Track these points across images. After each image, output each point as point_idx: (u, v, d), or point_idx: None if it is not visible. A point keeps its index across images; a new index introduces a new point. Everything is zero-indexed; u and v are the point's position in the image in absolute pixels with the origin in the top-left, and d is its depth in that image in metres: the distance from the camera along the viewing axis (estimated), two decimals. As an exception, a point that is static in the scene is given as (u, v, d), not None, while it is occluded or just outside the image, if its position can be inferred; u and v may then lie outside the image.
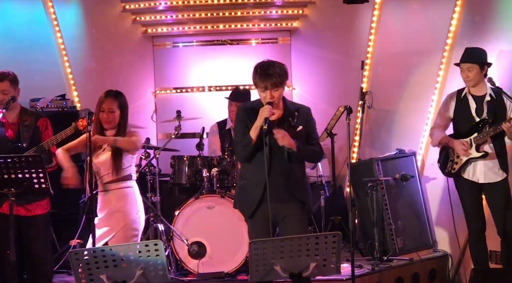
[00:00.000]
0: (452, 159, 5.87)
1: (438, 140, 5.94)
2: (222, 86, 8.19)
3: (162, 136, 8.23)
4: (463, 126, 5.86)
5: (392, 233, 6.49)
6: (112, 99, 5.07)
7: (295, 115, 4.66)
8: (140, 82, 8.24)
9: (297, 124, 4.65)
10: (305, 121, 4.70)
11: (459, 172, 5.83)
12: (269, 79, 4.52)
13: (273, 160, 4.58)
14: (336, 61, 7.98)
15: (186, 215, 6.21)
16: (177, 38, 8.33)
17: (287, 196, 4.63)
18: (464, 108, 5.86)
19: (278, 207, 4.59)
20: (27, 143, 5.34)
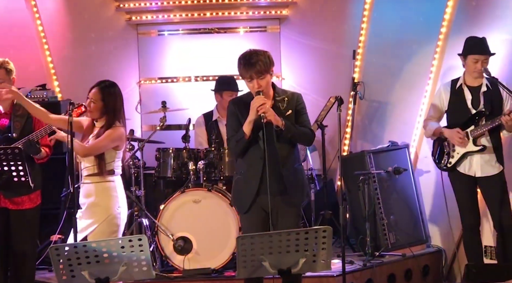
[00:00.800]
0: (448, 152, 5.87)
1: (432, 131, 5.93)
2: (209, 76, 8.16)
3: (146, 128, 8.20)
4: (458, 118, 5.85)
5: (384, 228, 6.51)
6: (96, 89, 5.05)
7: (284, 100, 4.70)
8: (124, 71, 8.20)
9: (286, 109, 4.70)
10: (295, 106, 4.75)
11: (455, 166, 5.84)
12: (252, 68, 4.57)
13: (268, 153, 4.62)
14: (327, 50, 7.97)
15: (171, 210, 6.20)
16: (163, 26, 8.29)
17: (282, 188, 4.66)
18: (459, 100, 5.86)
19: (272, 200, 4.64)
20: (17, 133, 5.32)
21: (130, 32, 8.26)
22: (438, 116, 6.02)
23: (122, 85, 8.04)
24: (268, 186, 4.58)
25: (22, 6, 7.40)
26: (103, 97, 5.05)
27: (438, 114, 6.01)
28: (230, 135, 4.74)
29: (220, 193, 6.20)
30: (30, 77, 7.38)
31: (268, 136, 4.61)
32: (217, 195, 6.17)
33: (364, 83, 7.45)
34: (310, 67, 8.08)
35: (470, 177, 5.82)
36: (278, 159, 4.66)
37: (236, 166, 4.97)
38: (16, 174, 4.79)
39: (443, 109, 5.98)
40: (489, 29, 6.31)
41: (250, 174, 4.67)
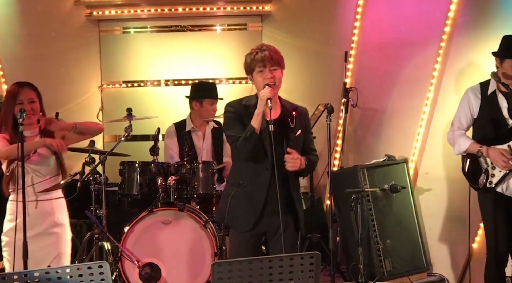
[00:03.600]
0: (486, 169, 5.73)
1: (466, 148, 5.77)
2: (181, 80, 8.16)
3: (109, 139, 8.17)
4: (493, 130, 5.74)
5: (380, 253, 6.51)
6: (29, 88, 5.04)
7: (294, 116, 4.79)
8: (84, 74, 8.17)
9: (296, 128, 4.80)
10: (304, 125, 4.88)
11: (495, 185, 5.70)
12: (266, 56, 4.68)
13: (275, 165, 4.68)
14: (315, 51, 8.01)
15: (137, 232, 6.17)
16: (128, 23, 8.29)
17: (284, 206, 4.72)
18: (493, 108, 5.73)
19: (273, 219, 4.72)
20: None
21: (90, 29, 8.24)
22: (467, 127, 5.88)
23: (81, 89, 8.14)
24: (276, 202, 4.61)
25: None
26: (38, 96, 5.06)
27: (467, 124, 5.86)
28: (236, 136, 4.74)
29: (193, 213, 6.18)
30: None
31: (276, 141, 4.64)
32: (190, 215, 6.15)
33: (357, 89, 7.48)
34: (296, 70, 8.09)
35: (506, 199, 5.72)
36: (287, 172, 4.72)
37: (232, 176, 4.95)
38: None
39: (473, 117, 5.85)
40: (501, 29, 6.32)
41: (255, 187, 4.71)
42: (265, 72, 4.69)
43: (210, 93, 7.00)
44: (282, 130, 4.74)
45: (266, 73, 4.69)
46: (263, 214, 4.74)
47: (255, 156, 4.69)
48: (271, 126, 4.60)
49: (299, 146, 4.81)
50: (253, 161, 4.71)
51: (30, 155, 4.89)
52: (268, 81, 4.68)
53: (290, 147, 4.71)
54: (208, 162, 6.48)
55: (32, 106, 4.96)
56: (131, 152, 7.16)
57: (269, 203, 4.71)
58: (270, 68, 4.69)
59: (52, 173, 4.97)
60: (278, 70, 4.72)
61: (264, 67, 4.69)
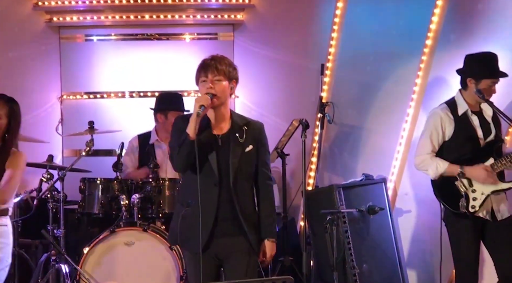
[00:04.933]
0: (465, 193, 5.76)
1: (444, 170, 5.80)
2: (147, 91, 8.14)
3: (69, 153, 8.12)
4: (468, 151, 5.83)
5: (356, 278, 6.52)
6: (1, 103, 4.97)
7: (244, 130, 4.74)
8: (42, 84, 8.12)
9: (247, 143, 4.74)
10: (257, 140, 4.80)
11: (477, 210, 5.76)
12: (209, 66, 4.68)
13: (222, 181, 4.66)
14: (290, 63, 8.02)
15: (98, 253, 6.14)
16: (91, 30, 8.26)
17: (235, 228, 4.68)
18: (466, 129, 5.84)
19: (224, 242, 4.68)
20: None
21: (50, 36, 8.20)
22: (437, 149, 5.93)
23: (39, 100, 8.08)
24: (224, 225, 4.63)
25: None
26: (10, 113, 4.97)
27: (438, 146, 5.91)
28: (173, 145, 4.72)
29: (158, 234, 6.16)
30: None
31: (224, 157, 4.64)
32: (154, 236, 6.13)
33: (334, 104, 7.49)
34: (270, 83, 8.11)
35: (482, 223, 5.79)
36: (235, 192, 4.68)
37: (180, 194, 4.94)
38: None
39: (444, 140, 5.92)
40: (484, 42, 6.41)
41: (204, 206, 4.62)
42: (206, 82, 4.67)
43: (175, 105, 6.99)
44: (230, 145, 4.70)
45: (207, 83, 4.67)
46: (214, 235, 4.67)
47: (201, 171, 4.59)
48: (219, 141, 4.63)
49: (249, 163, 4.75)
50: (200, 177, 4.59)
51: None
52: (207, 91, 4.65)
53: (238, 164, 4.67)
54: (175, 180, 6.47)
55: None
56: (92, 168, 7.13)
57: (219, 224, 4.65)
58: (212, 78, 4.66)
59: None
60: (222, 81, 4.69)
61: (206, 77, 4.68)
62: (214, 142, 4.66)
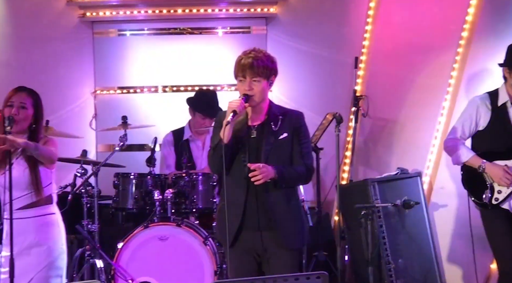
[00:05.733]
0: (490, 185, 5.75)
1: (467, 160, 5.82)
2: (180, 86, 8.15)
3: (103, 148, 8.15)
4: (501, 144, 5.78)
5: (391, 273, 6.48)
6: (25, 94, 4.98)
7: (279, 119, 4.69)
8: (76, 79, 8.17)
9: (281, 131, 4.68)
10: (293, 128, 4.72)
11: (501, 203, 5.74)
12: (249, 65, 4.60)
13: None
14: (324, 57, 7.99)
15: (132, 248, 6.17)
16: (124, 25, 8.28)
17: (265, 221, 4.64)
18: (503, 121, 5.78)
19: (257, 236, 4.64)
20: None
21: (84, 31, 8.24)
22: (468, 137, 5.92)
23: (73, 96, 8.13)
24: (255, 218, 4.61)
25: None
26: (34, 104, 4.99)
27: (469, 134, 5.90)
28: (210, 146, 4.73)
29: (192, 229, 6.17)
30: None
31: (251, 152, 4.61)
32: (188, 231, 6.14)
33: (368, 97, 7.48)
34: (303, 77, 8.09)
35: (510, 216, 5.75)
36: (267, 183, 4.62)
37: (220, 189, 4.94)
38: None
39: (476, 128, 5.89)
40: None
41: (233, 200, 4.64)
42: (244, 82, 4.62)
43: (205, 110, 6.95)
44: (264, 134, 4.67)
45: (245, 84, 4.61)
46: (243, 229, 4.65)
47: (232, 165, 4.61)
48: (254, 133, 4.59)
49: (282, 151, 4.68)
50: (232, 171, 4.62)
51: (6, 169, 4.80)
52: (245, 91, 4.60)
53: (270, 152, 4.62)
54: (208, 174, 6.47)
55: (19, 111, 4.90)
56: (126, 163, 7.15)
57: (248, 217, 4.63)
58: (250, 79, 4.60)
59: (29, 188, 4.90)
60: (261, 81, 4.62)
61: (243, 77, 4.61)
62: (248, 134, 4.63)
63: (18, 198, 4.84)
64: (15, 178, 4.80)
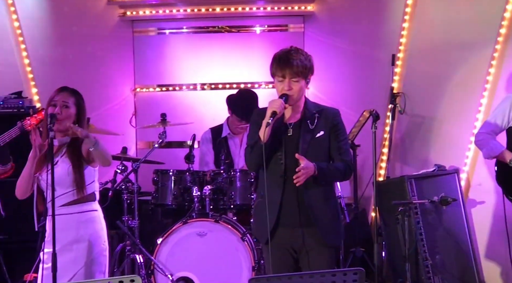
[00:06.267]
0: None
1: (498, 154, 5.81)
2: (218, 83, 8.18)
3: (142, 145, 8.22)
4: None
5: (429, 270, 6.45)
6: (68, 93, 5.00)
7: (315, 117, 4.68)
8: (117, 77, 8.24)
9: (318, 129, 4.67)
10: (330, 126, 4.70)
11: None
12: (288, 65, 4.58)
13: (288, 172, 4.60)
14: (361, 54, 7.98)
15: (171, 244, 6.19)
16: (163, 23, 8.34)
17: (302, 218, 4.64)
18: None
19: (294, 233, 4.63)
20: None
21: (124, 30, 8.31)
22: (499, 132, 5.90)
23: (113, 93, 8.20)
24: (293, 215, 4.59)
25: (-5, -2, 7.48)
26: (77, 101, 5.02)
27: (500, 130, 5.89)
28: (248, 144, 4.73)
29: (230, 225, 6.18)
30: (3, 83, 7.42)
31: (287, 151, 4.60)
32: (226, 227, 6.15)
33: (405, 95, 7.44)
34: (340, 74, 8.08)
35: None
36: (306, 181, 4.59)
37: (258, 186, 4.95)
38: None
39: (509, 124, 5.87)
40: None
41: (270, 197, 4.63)
42: (283, 82, 4.60)
43: (243, 114, 6.93)
44: (299, 133, 4.64)
45: (285, 84, 4.59)
46: (279, 225, 4.64)
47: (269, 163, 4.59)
48: (290, 130, 4.57)
49: (320, 149, 4.66)
50: (268, 169, 4.59)
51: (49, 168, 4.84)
52: (284, 91, 4.58)
53: (307, 150, 4.59)
54: (246, 171, 6.48)
55: (62, 110, 4.93)
56: (165, 160, 7.20)
57: (285, 214, 4.61)
58: (289, 79, 4.59)
59: (72, 186, 4.94)
60: (300, 81, 4.60)
61: (283, 78, 4.59)
62: (284, 131, 4.62)
63: (61, 195, 4.88)
64: (59, 176, 4.84)
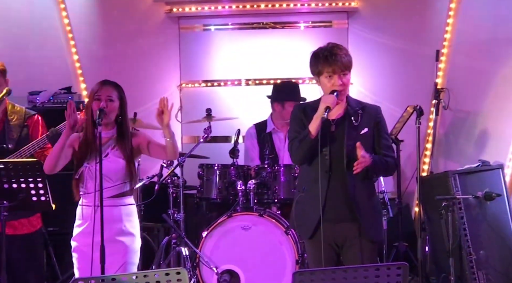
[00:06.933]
0: None
1: None
2: (262, 79, 8.18)
3: (188, 140, 8.25)
4: None
5: (472, 265, 6.39)
6: (111, 87, 5.02)
7: (359, 114, 4.67)
8: (163, 73, 8.28)
9: (362, 126, 4.66)
10: (373, 123, 4.70)
11: None
12: (337, 61, 4.57)
13: (333, 167, 4.60)
14: (405, 50, 7.92)
15: (216, 237, 6.21)
16: (209, 20, 8.36)
17: (347, 213, 4.62)
18: None
19: (337, 228, 4.62)
20: (13, 144, 5.42)
21: (170, 27, 8.35)
22: None
23: (159, 88, 8.23)
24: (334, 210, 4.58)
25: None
26: (120, 95, 5.04)
27: None
28: (292, 137, 4.71)
29: (274, 219, 6.18)
30: (53, 78, 7.51)
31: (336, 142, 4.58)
32: (270, 221, 6.15)
33: (449, 90, 7.38)
34: (384, 70, 8.04)
35: None
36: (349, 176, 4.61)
37: (298, 181, 4.93)
38: (36, 192, 4.84)
39: None
40: None
41: (314, 192, 4.62)
42: (334, 78, 4.58)
43: (292, 95, 6.96)
44: (344, 130, 4.63)
45: (336, 80, 4.58)
46: (323, 221, 4.61)
47: (313, 159, 4.59)
48: (333, 126, 4.55)
49: (367, 146, 4.62)
50: (312, 164, 4.61)
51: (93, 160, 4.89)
52: (337, 88, 4.58)
53: (352, 146, 4.54)
54: (290, 166, 6.47)
55: (107, 104, 4.96)
56: (210, 154, 7.23)
57: (330, 210, 4.60)
58: (340, 74, 4.58)
59: (122, 179, 4.98)
60: (348, 74, 4.62)
61: (333, 73, 4.58)
62: (328, 128, 4.60)
63: (110, 187, 4.92)
64: (111, 168, 4.88)
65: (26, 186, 4.80)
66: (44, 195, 4.85)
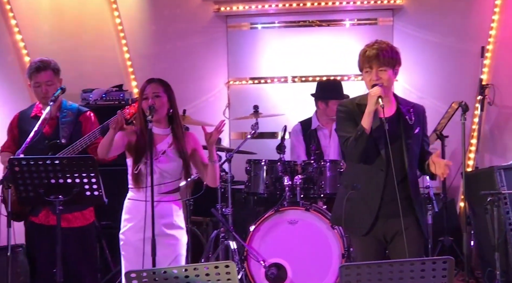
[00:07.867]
0: None
1: None
2: (308, 76, 8.17)
3: (236, 136, 8.28)
4: None
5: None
6: (156, 83, 5.04)
7: (411, 112, 4.65)
8: (211, 70, 8.32)
9: (415, 125, 4.64)
10: (422, 122, 4.71)
11: None
12: (374, 56, 4.55)
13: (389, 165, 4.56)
14: (450, 46, 7.85)
15: (263, 231, 6.23)
16: (256, 18, 8.37)
17: (403, 208, 4.59)
18: None
19: (389, 223, 4.61)
20: (66, 140, 5.50)
21: (218, 25, 8.38)
22: None
23: (208, 86, 8.28)
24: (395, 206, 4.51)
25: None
26: (167, 91, 5.05)
27: None
28: (346, 135, 4.64)
29: (320, 213, 6.18)
30: (105, 76, 7.60)
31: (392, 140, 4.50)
32: (317, 215, 6.15)
33: (495, 86, 7.30)
34: (429, 66, 7.97)
35: None
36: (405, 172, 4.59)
37: (345, 178, 4.89)
38: (89, 187, 4.89)
39: None
40: None
41: (370, 190, 4.61)
42: (371, 73, 4.56)
43: (336, 93, 6.94)
44: (398, 127, 4.59)
45: (372, 75, 4.55)
46: (378, 217, 4.60)
47: (368, 156, 4.56)
48: (386, 125, 4.49)
49: (418, 145, 4.64)
50: (366, 162, 4.57)
51: (159, 155, 4.94)
52: (374, 82, 4.53)
53: (409, 145, 4.55)
54: (336, 161, 6.46)
55: (155, 100, 4.98)
56: (257, 150, 7.23)
57: (385, 206, 4.57)
58: (377, 69, 4.54)
59: (177, 176, 5.02)
60: (387, 70, 4.56)
61: (370, 68, 4.55)
62: (379, 125, 4.58)
63: (167, 183, 4.97)
64: (169, 165, 4.94)
65: (80, 181, 4.86)
66: (97, 190, 4.90)
